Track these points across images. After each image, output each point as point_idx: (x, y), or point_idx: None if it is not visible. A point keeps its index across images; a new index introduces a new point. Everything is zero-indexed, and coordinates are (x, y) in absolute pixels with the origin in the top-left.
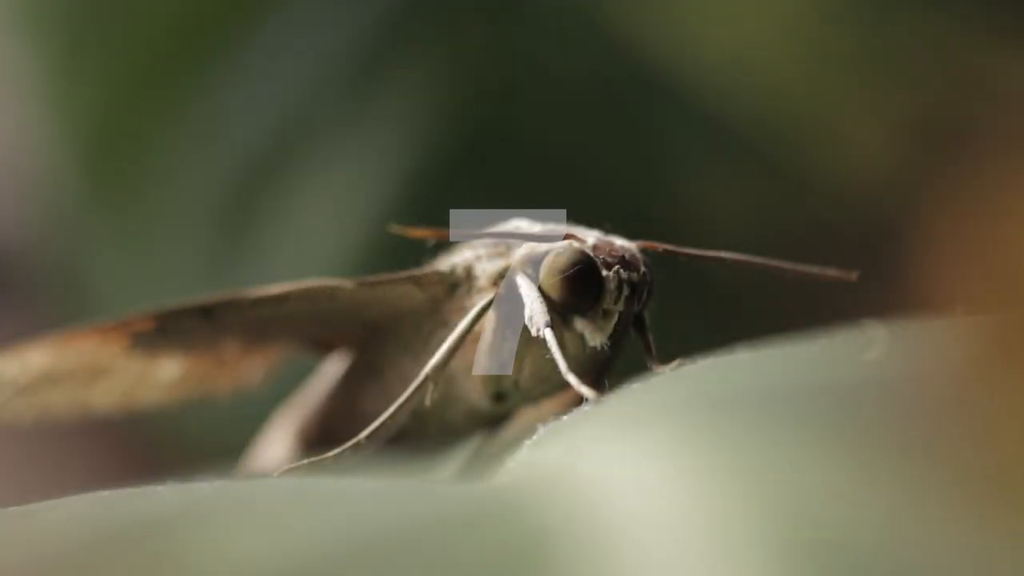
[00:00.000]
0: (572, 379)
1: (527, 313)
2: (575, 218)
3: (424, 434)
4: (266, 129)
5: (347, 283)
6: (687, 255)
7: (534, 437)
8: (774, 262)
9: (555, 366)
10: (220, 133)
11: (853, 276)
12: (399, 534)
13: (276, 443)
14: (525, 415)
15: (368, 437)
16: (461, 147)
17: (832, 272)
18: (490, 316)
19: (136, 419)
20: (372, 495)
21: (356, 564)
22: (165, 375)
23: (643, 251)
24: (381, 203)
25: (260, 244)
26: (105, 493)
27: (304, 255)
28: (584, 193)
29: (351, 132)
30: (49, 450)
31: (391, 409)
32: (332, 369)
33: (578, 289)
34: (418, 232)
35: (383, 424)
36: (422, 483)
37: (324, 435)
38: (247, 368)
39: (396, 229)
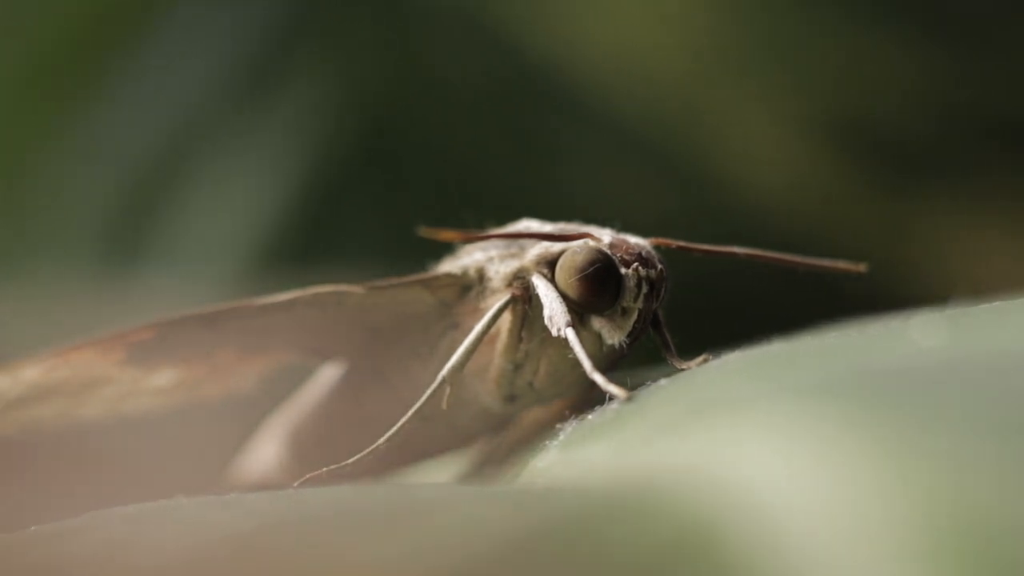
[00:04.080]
0: (599, 379)
1: (547, 313)
2: (470, 220)
3: (429, 437)
4: (157, 140)
5: (355, 288)
6: (700, 251)
7: (559, 438)
8: (784, 256)
9: (571, 366)
10: (111, 144)
11: (862, 268)
12: (551, 534)
13: (267, 450)
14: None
15: (386, 442)
16: (354, 152)
17: (841, 265)
18: (505, 317)
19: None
20: (493, 500)
21: (521, 563)
22: (157, 384)
23: (656, 248)
24: (275, 210)
25: (153, 254)
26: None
27: (198, 266)
28: (477, 194)
29: (243, 141)
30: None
31: (409, 413)
32: (328, 376)
33: (597, 288)
34: (446, 235)
35: (400, 428)
36: (530, 487)
37: (321, 441)
38: (240, 376)
39: (426, 232)
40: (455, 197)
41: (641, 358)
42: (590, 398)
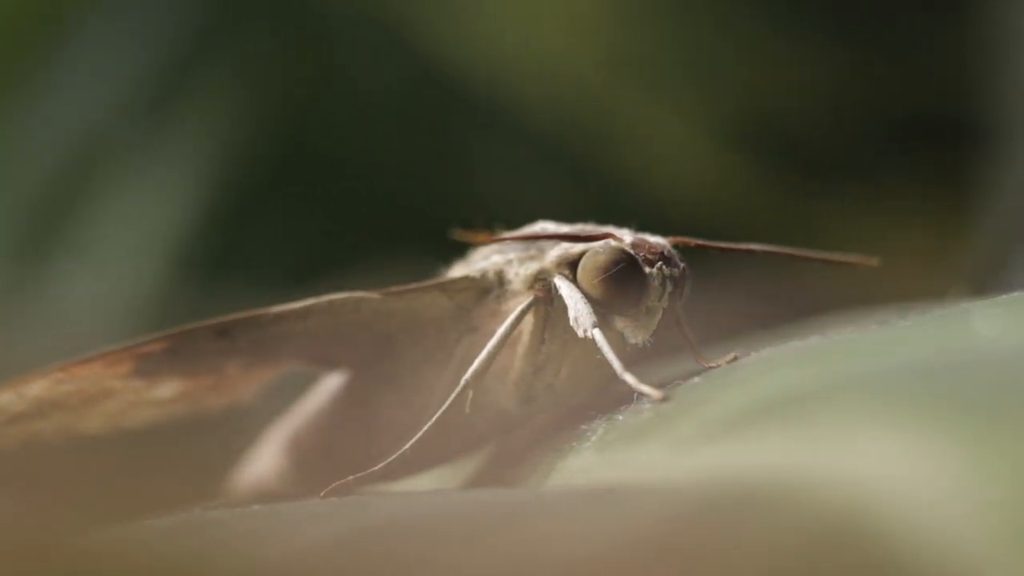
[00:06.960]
0: (630, 379)
1: (572, 315)
2: (387, 230)
3: (445, 440)
4: (61, 157)
5: (372, 294)
6: (718, 249)
7: (591, 439)
8: (797, 252)
9: (594, 367)
10: (17, 159)
11: (874, 262)
12: (700, 524)
13: (271, 458)
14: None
15: (411, 448)
16: (264, 162)
17: (853, 258)
18: (527, 319)
19: None
20: (595, 500)
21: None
22: (160, 395)
23: (675, 247)
24: (185, 223)
25: (62, 268)
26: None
27: (103, 284)
28: (390, 200)
29: (151, 153)
30: None
31: (435, 418)
32: (334, 383)
33: (622, 288)
34: (480, 237)
35: (425, 434)
36: (618, 487)
37: (329, 449)
38: (244, 386)
39: (460, 235)
40: (367, 209)
41: (651, 356)
42: (612, 397)
